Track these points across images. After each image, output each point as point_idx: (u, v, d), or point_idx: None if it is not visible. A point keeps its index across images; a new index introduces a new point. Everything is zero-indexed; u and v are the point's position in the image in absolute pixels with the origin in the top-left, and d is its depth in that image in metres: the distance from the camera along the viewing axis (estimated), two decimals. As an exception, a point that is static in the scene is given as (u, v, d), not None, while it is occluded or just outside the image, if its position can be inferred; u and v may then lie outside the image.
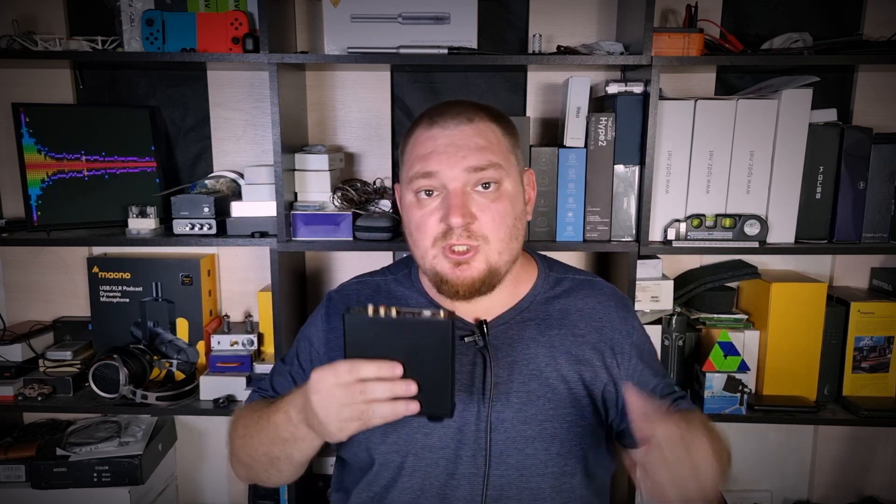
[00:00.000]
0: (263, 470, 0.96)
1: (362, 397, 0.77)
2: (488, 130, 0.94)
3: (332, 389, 0.78)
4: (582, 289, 1.05)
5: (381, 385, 0.77)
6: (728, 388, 1.47)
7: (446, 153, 0.91)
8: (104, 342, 1.61)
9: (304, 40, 1.61)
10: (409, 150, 0.96)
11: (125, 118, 1.57)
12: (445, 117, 0.93)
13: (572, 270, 1.09)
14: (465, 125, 0.92)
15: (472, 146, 0.91)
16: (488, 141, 0.93)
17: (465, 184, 0.91)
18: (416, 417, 0.93)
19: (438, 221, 0.91)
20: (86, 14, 1.59)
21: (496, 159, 0.92)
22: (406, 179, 0.95)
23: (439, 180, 0.91)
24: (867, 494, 1.76)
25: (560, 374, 0.97)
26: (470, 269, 0.91)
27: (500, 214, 0.92)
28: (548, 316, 1.01)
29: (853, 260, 1.67)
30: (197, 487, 1.81)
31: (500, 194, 0.92)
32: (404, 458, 0.95)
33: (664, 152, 1.43)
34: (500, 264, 0.93)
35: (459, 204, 0.90)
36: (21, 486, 1.55)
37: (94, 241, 1.55)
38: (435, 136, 0.92)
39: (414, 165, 0.93)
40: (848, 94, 1.61)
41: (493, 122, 0.95)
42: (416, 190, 0.93)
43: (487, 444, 0.94)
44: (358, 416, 0.78)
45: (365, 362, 0.77)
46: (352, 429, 0.79)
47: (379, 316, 0.78)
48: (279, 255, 1.44)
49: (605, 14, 1.58)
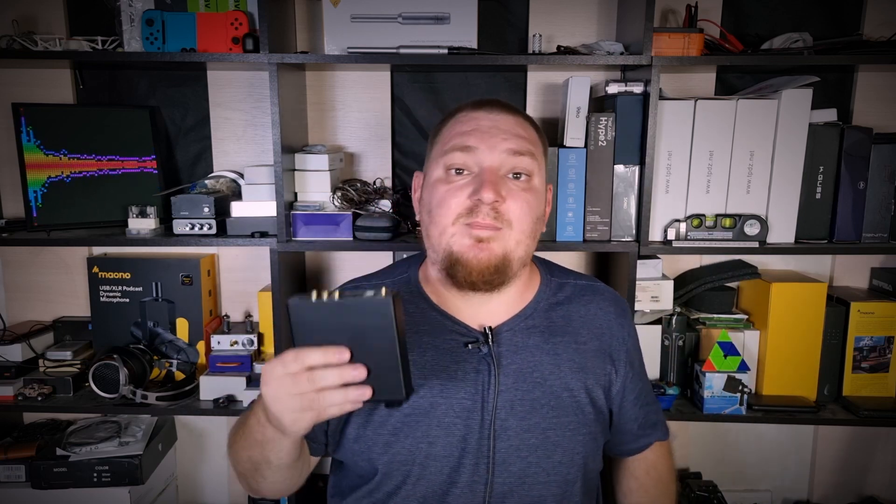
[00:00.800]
0: (252, 478, 0.95)
1: (311, 386, 0.74)
2: (528, 127, 0.98)
3: (280, 380, 0.75)
4: (584, 294, 1.05)
5: (330, 372, 0.74)
6: (728, 388, 1.47)
7: (489, 133, 0.93)
8: (104, 342, 1.61)
9: (304, 40, 1.61)
10: (447, 129, 0.97)
11: (125, 118, 1.57)
12: (492, 105, 0.97)
13: (572, 275, 1.09)
14: (508, 114, 0.96)
15: (514, 132, 0.94)
16: (528, 134, 0.97)
17: (501, 165, 0.92)
18: (420, 427, 0.93)
19: (466, 197, 0.91)
20: (86, 14, 1.59)
21: (533, 150, 0.95)
22: (439, 153, 0.95)
23: (476, 157, 0.92)
24: (867, 494, 1.76)
25: (563, 383, 0.96)
26: (488, 249, 0.90)
27: (528, 204, 0.93)
28: (551, 323, 1.00)
29: (853, 260, 1.67)
30: (197, 487, 1.81)
31: (530, 186, 0.94)
32: (410, 468, 0.94)
33: (664, 152, 1.43)
34: (515, 256, 0.92)
35: (494, 180, 0.90)
36: (21, 486, 1.55)
37: (94, 241, 1.55)
38: (479, 118, 0.95)
39: (452, 139, 0.94)
40: (848, 94, 1.61)
41: (530, 123, 1.00)
42: (448, 165, 0.93)
43: (491, 452, 0.93)
44: (309, 405, 0.75)
45: (310, 349, 0.74)
46: (306, 420, 0.77)
47: (321, 300, 0.75)
48: (279, 255, 1.44)
49: (605, 14, 1.58)
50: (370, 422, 0.95)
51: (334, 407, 0.76)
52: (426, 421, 0.93)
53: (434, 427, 0.93)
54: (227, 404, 1.50)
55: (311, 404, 0.75)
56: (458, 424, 0.93)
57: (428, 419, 0.93)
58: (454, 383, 0.94)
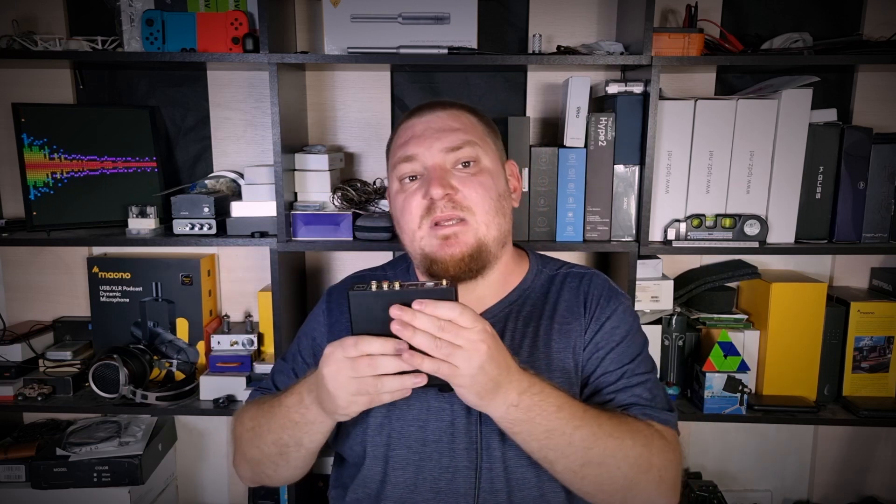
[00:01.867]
0: (271, 462, 0.96)
1: (370, 371, 0.78)
2: (462, 115, 1.01)
3: (340, 362, 0.79)
4: (573, 280, 1.05)
5: (388, 359, 0.78)
6: (728, 388, 1.47)
7: (423, 136, 0.97)
8: (104, 342, 1.61)
9: (304, 40, 1.61)
10: (393, 144, 1.03)
11: (125, 118, 1.57)
12: (422, 109, 1.02)
13: (567, 265, 1.09)
14: (439, 111, 1.00)
15: (446, 128, 0.97)
16: (462, 124, 0.99)
17: (444, 162, 0.96)
18: (411, 410, 0.95)
19: (421, 199, 0.95)
20: (86, 14, 1.59)
21: (470, 137, 0.97)
22: (391, 168, 1.01)
23: (419, 162, 0.96)
24: (867, 494, 1.76)
25: (548, 365, 0.97)
26: (458, 242, 0.93)
27: (483, 186, 0.95)
28: (535, 308, 1.02)
29: (853, 260, 1.67)
30: (197, 487, 1.81)
31: (479, 169, 0.97)
32: (394, 451, 0.95)
33: (664, 152, 1.43)
34: (489, 240, 0.95)
35: (439, 176, 0.94)
36: (21, 486, 1.55)
37: (94, 241, 1.55)
38: (413, 125, 1.00)
39: (396, 152, 1.00)
40: (848, 94, 1.61)
41: (467, 111, 1.02)
42: (399, 177, 0.99)
43: (478, 437, 0.94)
44: (367, 389, 0.79)
45: (370, 339, 0.78)
46: (361, 403, 0.81)
47: (382, 290, 0.79)
48: (279, 255, 1.44)
49: (605, 14, 1.58)
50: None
51: (388, 393, 0.80)
52: (417, 404, 0.96)
53: (424, 411, 0.96)
54: (227, 404, 1.50)
55: (368, 388, 0.79)
56: (446, 409, 0.95)
57: (419, 402, 0.96)
58: None
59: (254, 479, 1.02)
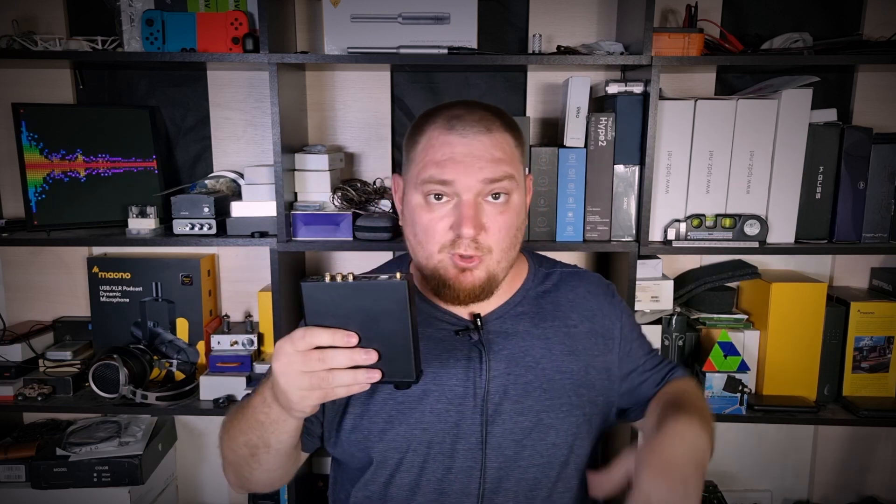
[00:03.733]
0: (246, 464, 0.94)
1: (321, 365, 0.76)
2: (504, 142, 0.94)
3: (290, 356, 0.77)
4: (570, 280, 1.08)
5: (340, 353, 0.76)
6: (728, 388, 1.47)
7: (464, 163, 0.91)
8: (104, 342, 1.61)
9: (304, 40, 1.61)
10: (421, 150, 0.95)
11: (125, 118, 1.57)
12: (464, 123, 0.92)
13: (559, 264, 1.12)
14: (483, 135, 0.92)
15: (488, 157, 0.91)
16: (504, 153, 0.93)
17: (479, 194, 0.92)
18: (413, 414, 0.95)
19: (448, 229, 0.92)
20: (86, 14, 1.59)
21: (511, 171, 0.93)
22: (416, 180, 0.94)
23: (454, 189, 0.91)
24: (867, 494, 1.76)
25: (556, 366, 0.98)
26: (472, 276, 0.93)
27: (507, 227, 0.94)
28: (540, 309, 1.03)
29: (853, 260, 1.67)
30: (197, 487, 1.81)
31: (508, 206, 0.94)
32: (403, 455, 0.95)
33: (664, 152, 1.43)
34: (499, 272, 0.95)
35: (472, 216, 0.90)
36: (21, 486, 1.55)
37: (94, 241, 1.55)
38: (452, 143, 0.92)
39: (428, 168, 0.92)
40: (848, 94, 1.61)
41: (508, 132, 0.95)
42: (426, 192, 0.93)
43: (484, 437, 0.94)
44: (318, 384, 0.76)
45: (319, 330, 0.76)
46: (313, 398, 0.78)
47: (335, 282, 0.77)
48: (279, 255, 1.44)
49: (605, 14, 1.58)
50: (367, 412, 0.97)
51: (342, 388, 0.77)
52: (419, 408, 0.95)
53: (427, 414, 0.95)
54: (227, 404, 1.50)
55: (320, 383, 0.76)
56: (451, 411, 0.95)
57: (421, 406, 0.95)
58: (446, 371, 0.96)
59: (238, 484, 1.01)
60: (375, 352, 0.77)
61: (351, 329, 0.77)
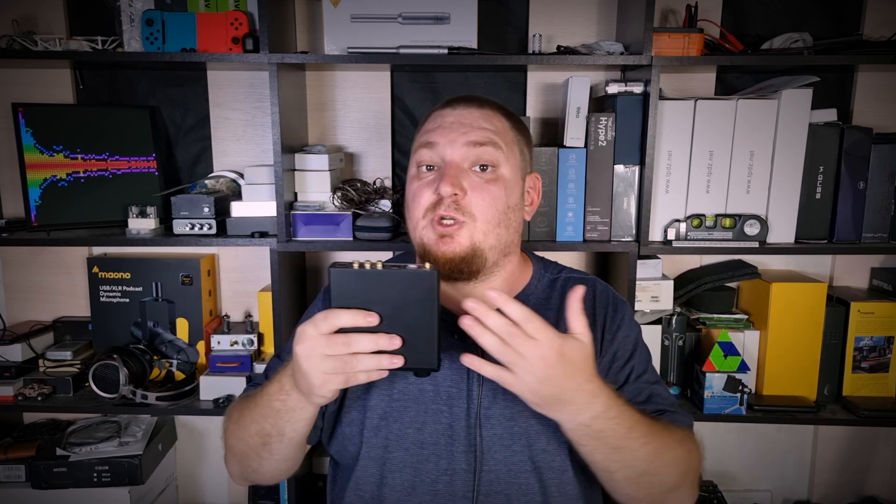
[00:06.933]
0: (256, 454, 0.94)
1: (345, 349, 0.76)
2: (495, 118, 0.99)
3: (314, 339, 0.77)
4: (576, 286, 1.04)
5: (364, 337, 0.77)
6: (728, 388, 1.47)
7: (450, 128, 0.96)
8: (104, 342, 1.61)
9: (304, 40, 1.61)
10: (420, 129, 1.02)
11: (125, 118, 1.57)
12: (458, 101, 1.00)
13: (566, 269, 1.10)
14: (474, 108, 0.98)
15: (475, 125, 0.96)
16: (493, 125, 0.97)
17: (463, 159, 0.95)
18: (408, 413, 0.95)
19: (432, 192, 0.94)
20: (86, 14, 1.59)
21: (496, 140, 0.96)
22: (412, 152, 1.00)
23: (439, 153, 0.95)
24: (867, 494, 1.76)
25: None
26: (453, 243, 0.93)
27: (492, 196, 0.94)
28: (541, 315, 1.00)
29: (853, 260, 1.67)
30: (197, 487, 1.81)
31: (495, 177, 0.95)
32: (392, 453, 0.95)
33: (664, 152, 1.43)
34: (485, 246, 0.94)
35: (453, 174, 0.93)
36: (21, 486, 1.55)
37: (94, 241, 1.55)
38: (444, 115, 0.99)
39: (420, 137, 0.99)
40: (848, 94, 1.61)
41: (502, 114, 1.00)
42: (418, 162, 0.98)
43: (476, 440, 0.94)
44: (341, 368, 0.77)
45: (341, 311, 0.77)
46: (335, 383, 0.78)
47: (364, 269, 0.78)
48: (279, 255, 1.44)
49: (605, 14, 1.58)
50: (363, 407, 0.97)
51: (364, 373, 0.78)
52: (415, 406, 0.95)
53: (422, 413, 0.95)
54: (227, 404, 1.50)
55: (343, 366, 0.77)
56: (445, 412, 0.95)
57: (416, 405, 0.95)
58: (441, 371, 0.96)
59: (242, 475, 1.01)
60: (399, 337, 0.78)
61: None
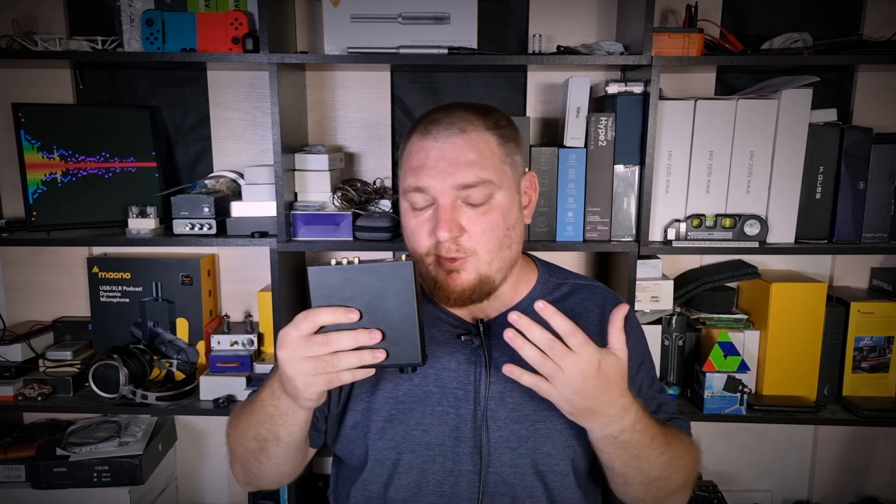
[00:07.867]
0: (255, 459, 0.95)
1: (325, 349, 0.76)
2: (481, 142, 0.92)
3: (295, 342, 0.77)
4: (581, 292, 1.06)
5: (344, 334, 0.76)
6: (728, 388, 1.47)
7: (436, 168, 0.91)
8: (104, 342, 1.61)
9: (304, 40, 1.61)
10: (404, 158, 0.97)
11: (125, 118, 1.57)
12: (439, 127, 0.92)
13: (572, 275, 1.10)
14: (456, 137, 0.91)
15: (462, 161, 0.90)
16: (480, 154, 0.91)
17: (455, 198, 0.91)
18: (414, 415, 0.95)
19: (429, 234, 0.92)
20: (86, 14, 1.59)
21: (487, 175, 0.91)
22: (401, 188, 0.97)
23: (430, 195, 0.92)
24: (867, 494, 1.76)
25: None
26: (460, 278, 0.93)
27: (490, 227, 0.92)
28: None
29: (853, 260, 1.67)
30: (197, 487, 1.81)
31: (490, 207, 0.92)
32: (400, 455, 0.95)
33: (664, 152, 1.43)
34: (492, 273, 0.94)
35: (447, 219, 0.90)
36: (21, 486, 1.55)
37: (94, 241, 1.55)
38: (427, 148, 0.92)
39: (407, 176, 0.94)
40: (848, 94, 1.61)
41: (487, 130, 0.93)
42: (410, 202, 0.95)
43: (483, 442, 0.94)
44: (323, 368, 0.76)
45: (320, 309, 0.77)
46: (319, 384, 0.78)
47: (340, 265, 0.78)
48: (279, 255, 1.44)
49: (605, 14, 1.58)
50: (368, 409, 0.97)
51: (348, 372, 0.78)
52: (420, 409, 0.96)
53: (427, 415, 0.95)
54: (227, 404, 1.50)
55: (325, 367, 0.77)
56: (451, 414, 0.95)
57: (422, 407, 0.96)
58: (447, 373, 0.96)
59: (246, 481, 1.01)
60: (379, 331, 0.77)
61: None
